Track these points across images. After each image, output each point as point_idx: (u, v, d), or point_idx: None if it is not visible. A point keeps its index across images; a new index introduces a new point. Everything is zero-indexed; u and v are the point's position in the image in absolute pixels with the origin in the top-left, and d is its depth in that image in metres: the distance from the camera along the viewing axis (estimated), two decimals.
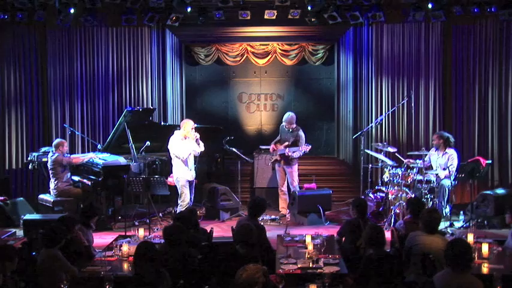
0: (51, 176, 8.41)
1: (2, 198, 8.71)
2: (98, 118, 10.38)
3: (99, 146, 9.47)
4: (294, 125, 9.00)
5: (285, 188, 9.12)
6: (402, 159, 8.75)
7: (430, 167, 8.69)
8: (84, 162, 8.58)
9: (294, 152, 8.85)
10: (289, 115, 9.02)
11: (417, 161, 8.42)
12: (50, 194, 8.47)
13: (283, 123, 9.07)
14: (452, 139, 8.68)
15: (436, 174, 8.34)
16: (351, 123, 10.62)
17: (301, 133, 9.03)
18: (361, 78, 10.47)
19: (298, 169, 9.09)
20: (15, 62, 10.23)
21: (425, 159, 8.54)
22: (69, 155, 8.56)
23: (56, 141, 8.54)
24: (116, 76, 10.37)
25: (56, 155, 8.32)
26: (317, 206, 8.57)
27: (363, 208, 6.43)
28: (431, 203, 8.14)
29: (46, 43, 10.28)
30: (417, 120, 10.19)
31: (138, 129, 8.89)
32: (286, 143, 8.93)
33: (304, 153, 8.93)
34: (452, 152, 8.55)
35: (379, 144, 9.07)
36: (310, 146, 8.90)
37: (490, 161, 9.16)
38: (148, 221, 7.99)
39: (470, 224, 8.01)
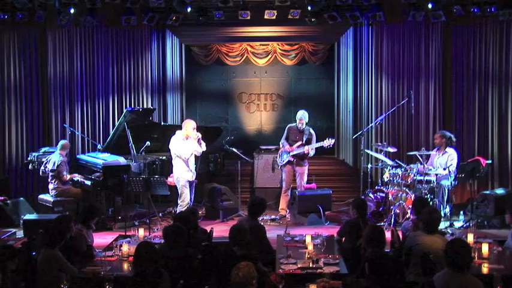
0: (50, 177, 8.44)
1: (2, 198, 8.71)
2: (98, 118, 10.37)
3: (99, 146, 9.48)
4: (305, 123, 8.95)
5: (289, 190, 9.10)
6: (402, 164, 8.66)
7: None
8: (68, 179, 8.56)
9: (312, 149, 8.82)
10: (303, 112, 8.92)
11: (417, 164, 8.40)
12: (49, 194, 8.48)
13: (297, 123, 8.92)
14: (453, 139, 8.69)
15: (436, 174, 8.34)
16: (351, 123, 10.62)
17: (312, 130, 9.03)
18: (361, 78, 10.46)
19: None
20: (15, 62, 10.22)
21: (428, 161, 8.56)
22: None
23: (64, 142, 8.70)
24: (116, 76, 10.36)
25: (62, 159, 8.39)
26: (317, 206, 8.57)
27: (363, 208, 6.42)
28: (431, 203, 8.14)
29: (46, 43, 10.26)
30: (417, 120, 10.17)
31: (138, 129, 8.89)
32: (300, 143, 8.87)
33: (329, 147, 8.80)
34: (452, 152, 8.55)
35: (379, 144, 9.07)
36: (334, 140, 8.84)
37: (490, 161, 9.15)
38: (148, 221, 7.99)
39: (470, 224, 8.02)
